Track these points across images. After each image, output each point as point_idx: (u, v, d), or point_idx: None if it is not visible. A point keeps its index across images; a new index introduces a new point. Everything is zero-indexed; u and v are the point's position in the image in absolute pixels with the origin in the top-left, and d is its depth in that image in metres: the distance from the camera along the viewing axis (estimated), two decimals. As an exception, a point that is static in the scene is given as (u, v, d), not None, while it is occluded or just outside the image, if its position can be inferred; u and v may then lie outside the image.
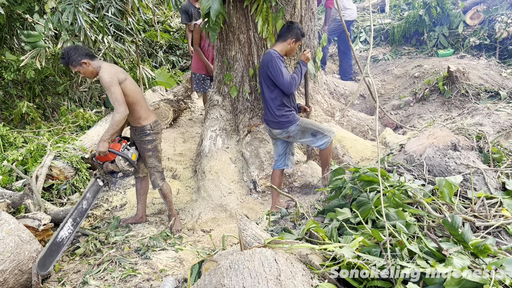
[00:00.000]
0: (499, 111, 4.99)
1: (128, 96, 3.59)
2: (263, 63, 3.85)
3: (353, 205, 2.36)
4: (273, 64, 3.74)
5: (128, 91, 3.58)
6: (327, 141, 4.01)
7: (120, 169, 3.70)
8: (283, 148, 4.17)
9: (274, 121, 3.93)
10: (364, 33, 9.62)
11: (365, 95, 6.99)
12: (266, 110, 4.00)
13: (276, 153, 4.22)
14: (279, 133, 4.00)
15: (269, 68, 3.76)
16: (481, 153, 3.06)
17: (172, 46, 10.55)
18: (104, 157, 3.64)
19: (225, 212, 4.46)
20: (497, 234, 2.06)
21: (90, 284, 3.02)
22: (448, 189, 2.32)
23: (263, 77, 3.89)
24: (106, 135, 3.51)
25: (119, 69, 3.63)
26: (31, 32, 6.37)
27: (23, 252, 2.94)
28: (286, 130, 3.95)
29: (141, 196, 4.16)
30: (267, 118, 4.01)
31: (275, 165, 4.24)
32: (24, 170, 4.92)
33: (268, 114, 3.97)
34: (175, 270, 3.32)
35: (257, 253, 1.76)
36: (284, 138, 4.05)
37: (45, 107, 7.88)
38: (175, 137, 6.46)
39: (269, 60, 3.77)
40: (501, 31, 7.12)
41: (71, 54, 3.40)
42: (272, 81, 3.81)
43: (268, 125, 4.04)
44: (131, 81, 3.68)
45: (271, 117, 3.93)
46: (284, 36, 3.88)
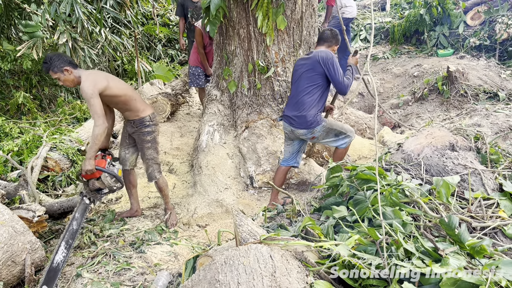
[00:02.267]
0: (498, 112, 4.99)
1: (120, 96, 3.57)
2: (315, 58, 3.76)
3: (349, 203, 2.35)
4: (333, 62, 3.70)
5: (117, 91, 3.54)
6: (349, 141, 3.99)
7: (106, 186, 3.70)
8: (298, 147, 4.09)
9: (303, 121, 3.80)
10: (364, 31, 9.60)
11: (364, 93, 6.98)
12: (294, 109, 3.85)
13: (289, 152, 4.11)
14: (304, 134, 3.87)
15: (327, 65, 3.70)
16: (479, 154, 3.06)
17: (171, 40, 10.51)
18: (90, 175, 3.62)
19: (221, 207, 4.45)
20: (494, 235, 2.05)
21: (83, 277, 3.01)
22: (445, 189, 2.32)
23: (308, 71, 3.79)
24: (91, 152, 3.46)
25: (99, 75, 3.53)
26: (29, 22, 6.32)
27: (17, 243, 2.92)
28: (311, 131, 3.83)
29: (131, 190, 4.14)
30: (292, 117, 3.85)
31: (285, 163, 4.15)
32: (20, 161, 4.89)
33: (294, 110, 3.83)
34: (169, 265, 3.31)
35: (253, 249, 1.75)
36: (307, 138, 3.94)
37: (42, 98, 7.83)
38: (173, 131, 6.44)
39: (328, 58, 3.71)
40: (501, 32, 7.12)
41: (54, 59, 3.34)
42: (319, 77, 3.75)
43: (292, 125, 3.88)
44: (115, 80, 3.63)
45: (300, 117, 3.80)
46: (329, 42, 3.90)
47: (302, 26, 4.83)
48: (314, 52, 3.85)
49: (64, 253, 3.02)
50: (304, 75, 3.82)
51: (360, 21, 9.93)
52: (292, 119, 3.85)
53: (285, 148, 4.18)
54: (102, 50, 8.08)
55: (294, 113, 3.83)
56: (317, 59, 3.76)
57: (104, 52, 8.30)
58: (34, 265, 3.04)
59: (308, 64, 3.82)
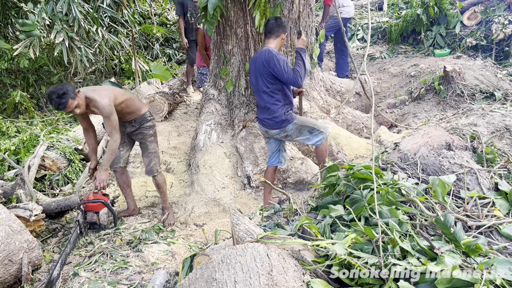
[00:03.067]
0: (494, 112, 5.01)
1: (124, 101, 3.69)
2: (260, 61, 3.70)
3: (346, 202, 2.36)
4: (274, 61, 3.60)
5: (121, 98, 3.66)
6: (323, 137, 3.95)
7: (101, 222, 3.78)
8: (276, 146, 4.11)
9: (272, 121, 3.82)
10: (361, 30, 9.61)
11: (361, 93, 6.99)
12: (262, 110, 3.88)
13: (270, 151, 4.17)
14: (277, 133, 3.90)
15: (270, 65, 3.62)
16: (475, 153, 3.07)
17: (169, 39, 10.50)
18: (91, 206, 3.70)
19: (219, 206, 4.45)
20: (489, 234, 2.06)
21: (81, 275, 3.01)
22: (441, 188, 2.33)
23: (261, 76, 3.74)
24: (106, 164, 3.63)
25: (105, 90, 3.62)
26: (26, 21, 6.29)
27: (14, 242, 2.92)
28: (283, 130, 3.85)
29: (126, 190, 4.17)
30: (263, 118, 3.89)
31: (269, 162, 4.19)
32: (17, 160, 4.88)
33: (264, 114, 3.85)
34: (166, 264, 3.31)
35: (250, 248, 1.75)
36: (281, 137, 3.97)
37: (39, 97, 7.82)
38: (170, 131, 6.44)
39: (270, 58, 3.62)
40: (497, 32, 7.14)
41: (65, 89, 3.27)
42: (271, 79, 3.69)
43: (265, 126, 3.92)
44: (113, 88, 3.74)
45: (269, 117, 3.82)
46: (276, 32, 3.76)
47: (300, 26, 4.84)
48: (259, 53, 3.79)
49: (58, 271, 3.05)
50: (259, 79, 3.78)
51: (357, 21, 9.94)
52: (264, 121, 3.90)
53: (267, 148, 4.23)
54: (99, 49, 8.06)
55: (265, 116, 3.86)
56: (259, 60, 3.72)
57: (101, 51, 8.28)
58: (31, 264, 3.04)
59: (257, 67, 3.77)
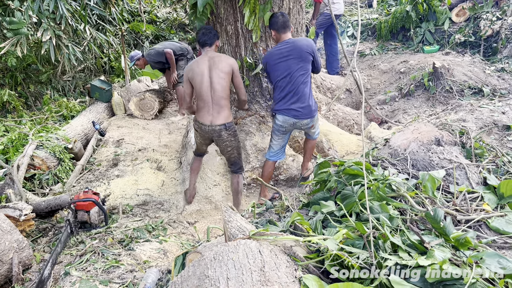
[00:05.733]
0: (482, 107, 5.07)
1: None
2: (300, 47, 3.73)
3: (337, 198, 2.37)
4: (314, 48, 3.79)
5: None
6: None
7: (92, 222, 3.78)
8: (287, 140, 4.11)
9: (307, 109, 3.80)
10: (351, 27, 9.65)
11: (351, 90, 7.02)
12: (296, 99, 3.79)
13: (279, 145, 4.07)
14: (307, 123, 3.88)
15: (314, 51, 3.76)
16: (464, 148, 3.11)
17: (159, 37, 10.43)
18: (82, 205, 3.70)
19: (210, 204, 4.45)
20: (478, 228, 2.09)
21: (72, 275, 2.99)
22: (431, 183, 2.35)
23: (302, 61, 3.74)
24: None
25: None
26: (13, 19, 6.20)
27: (4, 242, 2.89)
28: (313, 119, 3.89)
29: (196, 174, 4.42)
30: (296, 108, 3.80)
31: (275, 157, 4.12)
32: (5, 159, 4.82)
33: (297, 102, 3.78)
34: (159, 262, 3.30)
35: (242, 245, 1.76)
36: (308, 127, 3.95)
37: (28, 95, 7.72)
38: (161, 128, 6.42)
39: (312, 44, 3.76)
40: (486, 28, 7.22)
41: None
42: (307, 67, 3.77)
43: (297, 117, 3.82)
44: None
45: (302, 106, 3.79)
46: (290, 25, 3.90)
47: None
48: (294, 41, 3.82)
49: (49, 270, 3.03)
50: (299, 64, 3.75)
51: (347, 17, 9.98)
52: (297, 111, 3.82)
53: (275, 143, 4.09)
54: (88, 47, 7.98)
55: (298, 105, 3.81)
56: (305, 47, 3.75)
57: (90, 49, 8.20)
58: (21, 264, 3.02)
59: (296, 53, 3.75)
